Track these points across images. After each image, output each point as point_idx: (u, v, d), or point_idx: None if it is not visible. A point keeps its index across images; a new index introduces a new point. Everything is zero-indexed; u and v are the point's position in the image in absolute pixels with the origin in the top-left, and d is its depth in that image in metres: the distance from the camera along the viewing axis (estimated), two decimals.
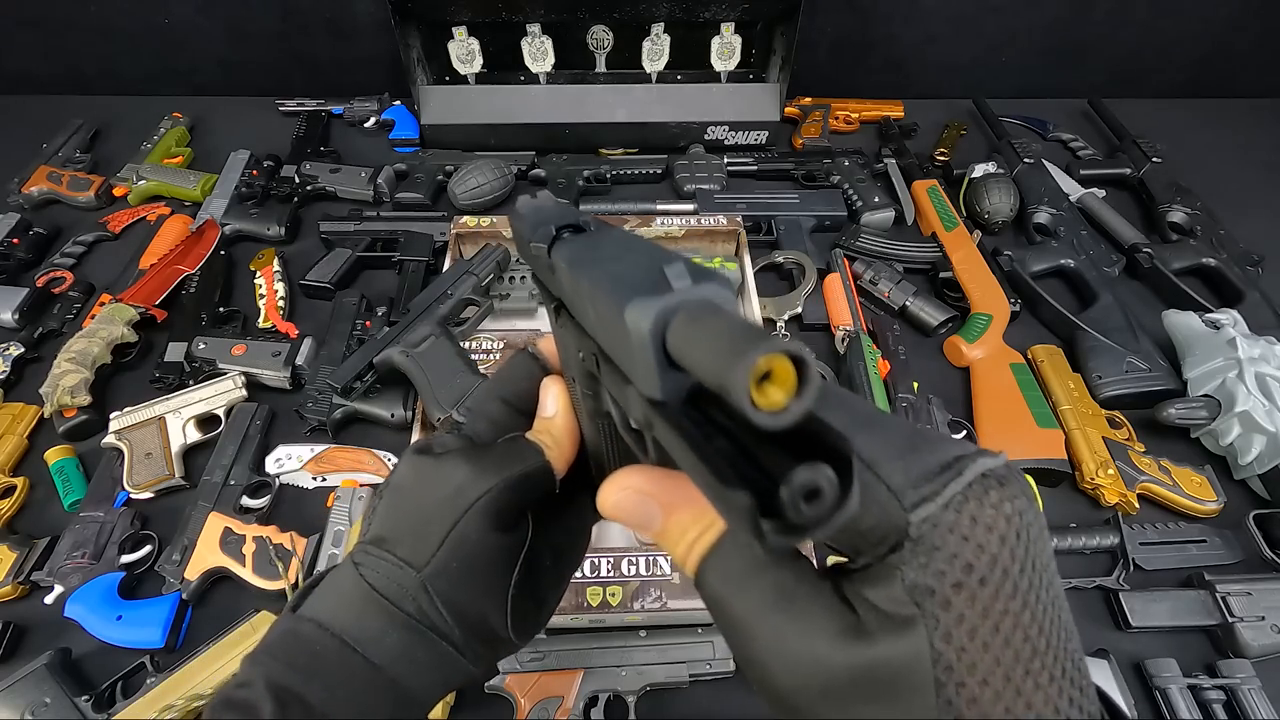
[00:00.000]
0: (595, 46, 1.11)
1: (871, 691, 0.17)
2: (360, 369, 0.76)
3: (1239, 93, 1.30)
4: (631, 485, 0.23)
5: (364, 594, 0.28)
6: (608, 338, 0.21)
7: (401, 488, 0.29)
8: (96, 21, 1.17)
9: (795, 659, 0.18)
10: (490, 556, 0.28)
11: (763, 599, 0.19)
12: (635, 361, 0.17)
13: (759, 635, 0.19)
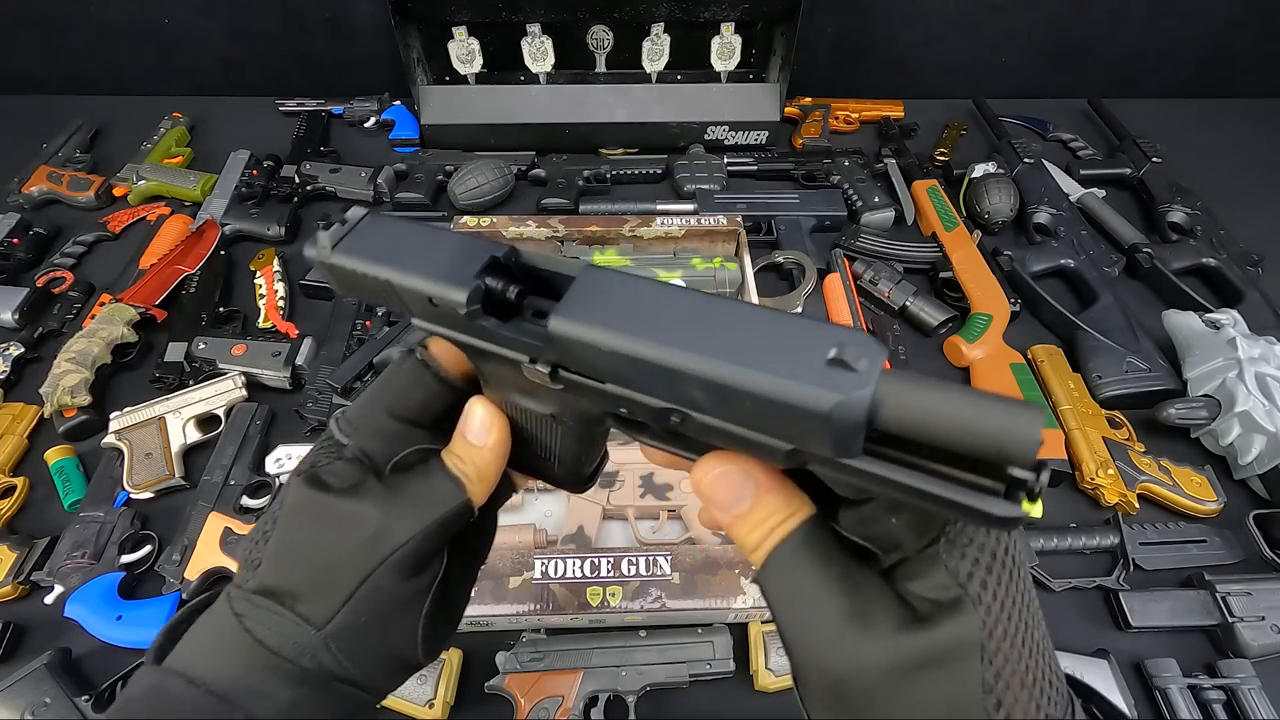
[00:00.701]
0: (595, 46, 1.11)
1: (932, 669, 0.19)
2: (360, 369, 0.76)
3: (1239, 93, 1.30)
4: (737, 465, 0.23)
5: (250, 650, 0.24)
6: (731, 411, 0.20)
7: (297, 531, 0.26)
8: (96, 21, 1.17)
9: (861, 645, 0.20)
10: (403, 601, 0.26)
11: (832, 588, 0.21)
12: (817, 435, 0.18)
13: (824, 622, 0.20)
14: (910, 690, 0.19)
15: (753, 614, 0.64)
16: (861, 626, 0.20)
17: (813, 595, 0.21)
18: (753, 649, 0.63)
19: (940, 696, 0.19)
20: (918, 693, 0.19)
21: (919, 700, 0.19)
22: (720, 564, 0.64)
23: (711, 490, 0.23)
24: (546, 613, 0.62)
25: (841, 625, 0.20)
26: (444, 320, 0.25)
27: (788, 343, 0.19)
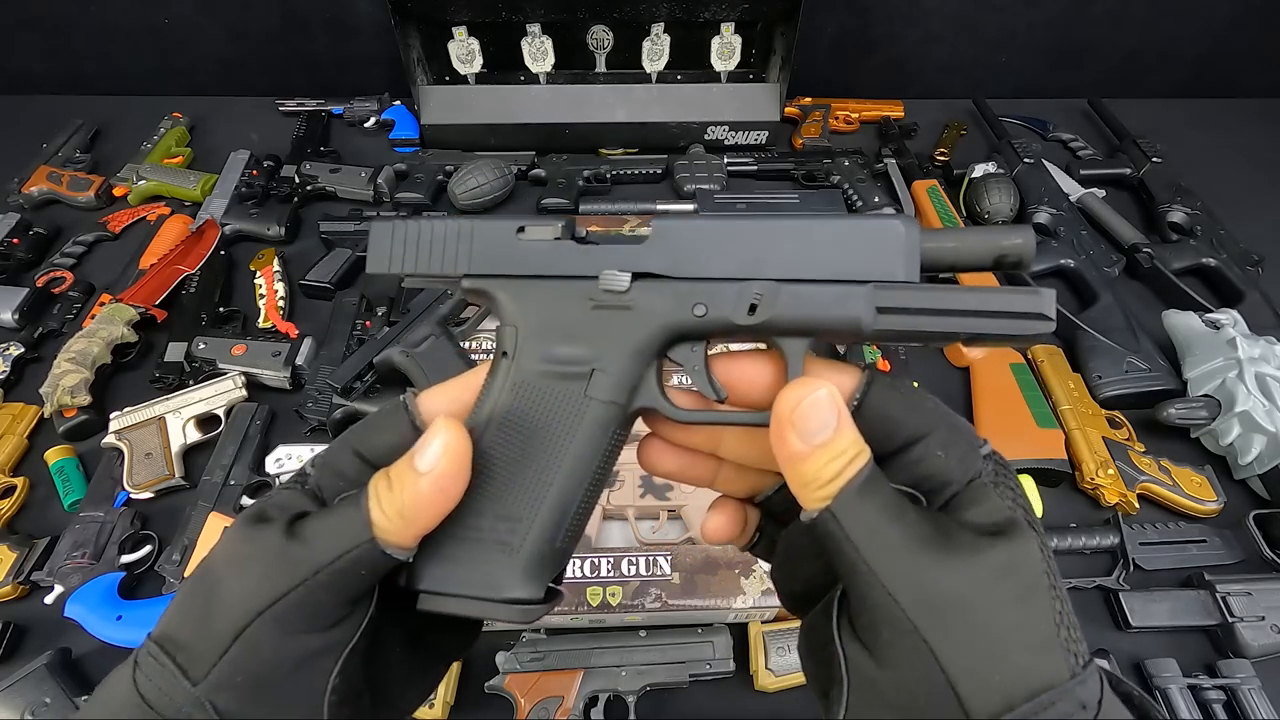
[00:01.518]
0: (595, 46, 1.11)
1: (1012, 576, 0.21)
2: (360, 369, 0.76)
3: (1239, 93, 1.30)
4: (827, 391, 0.23)
5: (132, 703, 0.22)
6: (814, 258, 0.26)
7: (208, 570, 0.24)
8: (96, 21, 1.17)
9: (949, 562, 0.21)
10: (290, 664, 0.23)
11: (910, 515, 0.22)
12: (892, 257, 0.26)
13: (909, 545, 0.22)
14: (995, 595, 0.21)
15: (752, 614, 0.64)
16: (947, 546, 0.21)
17: (896, 521, 0.22)
18: (753, 649, 0.63)
19: (1018, 599, 0.21)
20: (1000, 597, 0.21)
21: (1002, 604, 0.21)
22: (720, 564, 0.64)
23: (803, 415, 0.23)
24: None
25: (927, 546, 0.21)
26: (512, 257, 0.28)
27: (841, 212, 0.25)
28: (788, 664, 0.62)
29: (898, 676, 0.21)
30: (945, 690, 0.20)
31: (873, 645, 0.22)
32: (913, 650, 0.21)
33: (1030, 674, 0.20)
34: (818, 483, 0.23)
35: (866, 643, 0.22)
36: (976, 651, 0.20)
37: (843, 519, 0.22)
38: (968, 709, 0.20)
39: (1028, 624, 0.21)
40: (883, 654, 0.22)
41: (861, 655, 0.23)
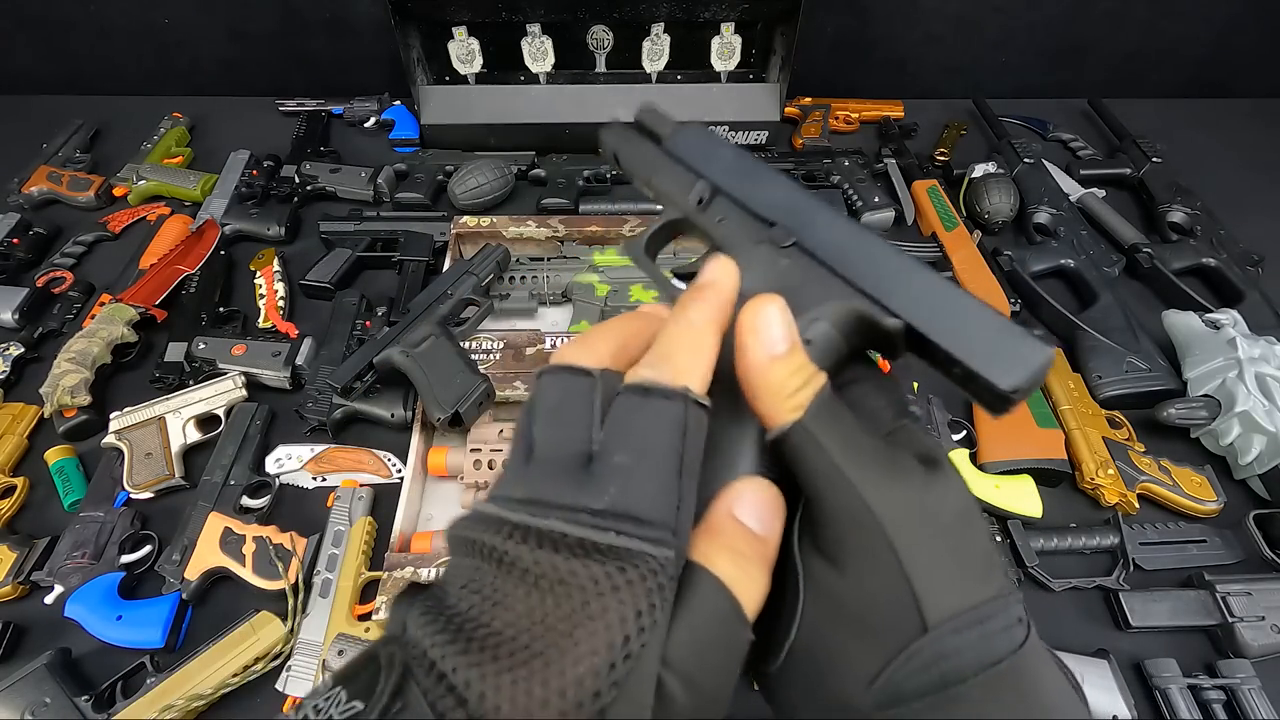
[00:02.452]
0: (595, 46, 1.11)
1: (950, 509, 0.23)
2: (360, 369, 0.76)
3: (1239, 93, 1.30)
4: (782, 306, 0.25)
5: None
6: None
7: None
8: (96, 21, 1.17)
9: (900, 485, 0.22)
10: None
11: (862, 440, 0.23)
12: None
13: (869, 464, 0.22)
14: (948, 512, 0.23)
15: None
16: (899, 470, 0.23)
17: (865, 435, 0.23)
18: None
19: (964, 520, 0.23)
20: (952, 515, 0.23)
21: (954, 521, 0.22)
22: None
23: (765, 323, 0.24)
24: None
25: (892, 460, 0.23)
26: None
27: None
28: None
29: (860, 584, 0.22)
30: (907, 596, 0.21)
31: (837, 554, 0.22)
32: (880, 557, 0.21)
33: (980, 586, 0.22)
34: (784, 392, 0.23)
35: (829, 554, 0.23)
36: (936, 561, 0.22)
37: (815, 429, 0.23)
38: (925, 615, 0.21)
39: (975, 543, 0.23)
40: (847, 562, 0.22)
41: (822, 567, 0.23)
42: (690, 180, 0.34)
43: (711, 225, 0.33)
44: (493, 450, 0.72)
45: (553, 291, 0.90)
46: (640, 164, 0.36)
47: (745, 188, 0.33)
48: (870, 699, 0.21)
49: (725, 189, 0.33)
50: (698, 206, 0.33)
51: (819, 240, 0.30)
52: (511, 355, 0.80)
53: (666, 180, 0.35)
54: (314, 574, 0.68)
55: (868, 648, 0.21)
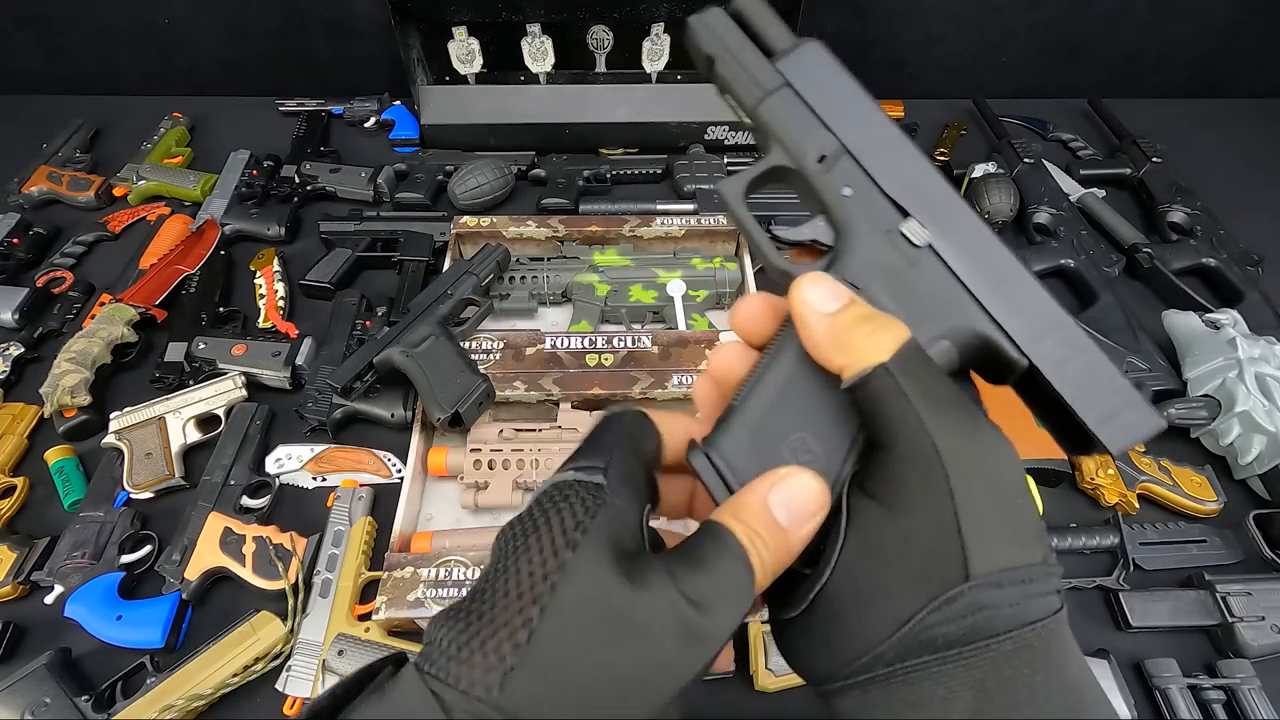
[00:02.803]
0: (595, 46, 1.11)
1: (1017, 468, 0.24)
2: (360, 369, 0.76)
3: (1239, 93, 1.30)
4: (827, 275, 0.26)
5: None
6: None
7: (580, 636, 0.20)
8: (96, 21, 1.17)
9: (966, 443, 0.23)
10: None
11: (942, 391, 0.24)
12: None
13: (938, 419, 0.23)
14: (1009, 475, 0.23)
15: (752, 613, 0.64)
16: (972, 426, 0.23)
17: (945, 385, 0.24)
18: (753, 649, 0.63)
19: (1020, 487, 0.23)
20: (1012, 478, 0.23)
21: (1013, 484, 0.23)
22: None
23: (807, 298, 0.25)
24: None
25: (959, 421, 0.23)
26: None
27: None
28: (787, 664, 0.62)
29: (911, 527, 0.22)
30: (955, 544, 0.21)
31: (894, 496, 0.23)
32: (937, 502, 0.22)
33: (1026, 550, 0.22)
34: (854, 336, 0.24)
35: (885, 496, 0.23)
36: (990, 517, 0.22)
37: (899, 375, 0.23)
38: (970, 565, 0.21)
39: (1027, 510, 0.23)
40: (903, 504, 0.23)
41: (873, 509, 0.23)
42: (812, 126, 0.28)
43: (830, 191, 0.28)
44: (493, 450, 0.72)
45: (553, 291, 0.90)
46: (743, 84, 0.29)
47: (880, 157, 0.28)
48: (894, 646, 0.22)
49: (855, 152, 0.28)
50: (817, 163, 0.28)
51: (957, 248, 0.27)
52: (511, 355, 0.80)
53: (779, 117, 0.29)
54: (314, 574, 0.68)
55: (906, 590, 0.22)
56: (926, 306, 0.27)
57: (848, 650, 0.23)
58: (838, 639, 0.23)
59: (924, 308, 0.27)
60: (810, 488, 0.24)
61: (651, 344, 0.81)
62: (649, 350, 0.81)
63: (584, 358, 0.80)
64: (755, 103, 0.29)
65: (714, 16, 0.29)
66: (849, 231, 0.28)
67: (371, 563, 0.69)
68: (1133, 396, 0.25)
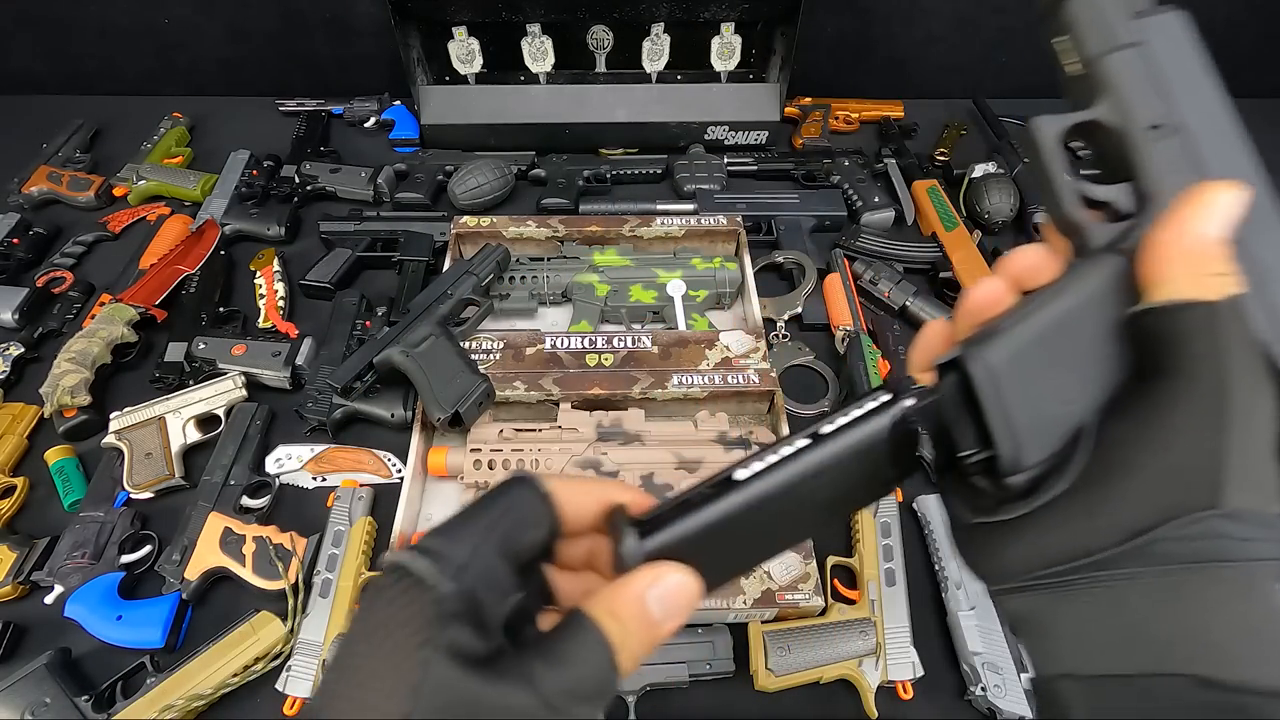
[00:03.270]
0: (595, 46, 1.11)
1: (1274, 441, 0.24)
2: (360, 369, 0.76)
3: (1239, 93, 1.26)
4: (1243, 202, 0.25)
5: None
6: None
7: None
8: (96, 21, 1.17)
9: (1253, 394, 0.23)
10: None
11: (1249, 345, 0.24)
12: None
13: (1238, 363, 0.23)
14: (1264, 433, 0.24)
15: (752, 614, 0.64)
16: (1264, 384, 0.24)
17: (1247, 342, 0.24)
18: (753, 649, 0.63)
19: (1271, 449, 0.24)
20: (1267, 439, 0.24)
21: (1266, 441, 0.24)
22: None
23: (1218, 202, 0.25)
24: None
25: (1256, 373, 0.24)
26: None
27: None
28: (788, 664, 0.62)
29: (1172, 443, 0.23)
30: (1214, 470, 0.22)
31: (1164, 415, 0.23)
32: (1210, 431, 0.22)
33: (1270, 499, 0.22)
34: (1208, 269, 0.24)
35: (1149, 415, 0.24)
36: (1251, 459, 0.22)
37: (1223, 318, 0.23)
38: (1223, 494, 0.22)
39: (1275, 469, 0.23)
40: (1175, 423, 0.23)
41: (1125, 423, 0.24)
42: (1156, 92, 0.28)
43: (1151, 161, 0.28)
44: (493, 450, 0.72)
45: (553, 291, 0.90)
46: (1096, 28, 0.29)
47: (1214, 147, 0.28)
48: (1117, 554, 0.22)
49: (1194, 132, 0.28)
50: (1149, 129, 0.28)
51: (1261, 257, 0.27)
52: (511, 355, 0.80)
53: (1125, 73, 0.28)
54: (314, 574, 0.68)
55: (1146, 504, 0.22)
56: None
57: (1064, 552, 0.23)
58: (1055, 542, 0.24)
59: None
60: (688, 586, 0.24)
61: (651, 344, 0.81)
62: (649, 350, 0.81)
63: (584, 358, 0.80)
64: (1102, 51, 0.29)
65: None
66: (1157, 205, 0.27)
67: (371, 563, 0.69)
68: None
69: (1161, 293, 0.24)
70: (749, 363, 0.79)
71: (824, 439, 0.25)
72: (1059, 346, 0.25)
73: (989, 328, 0.26)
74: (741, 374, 0.78)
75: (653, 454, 0.73)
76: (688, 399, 0.78)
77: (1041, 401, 0.25)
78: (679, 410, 0.79)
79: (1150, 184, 0.28)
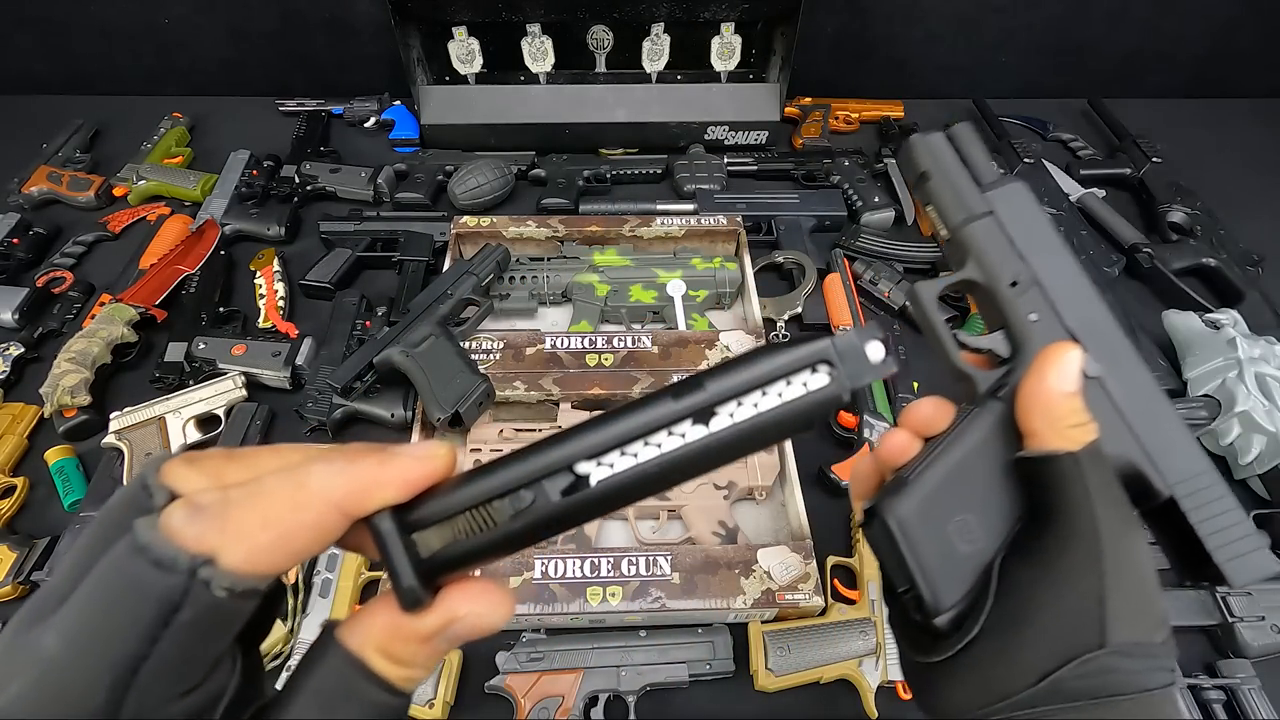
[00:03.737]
0: (595, 46, 1.11)
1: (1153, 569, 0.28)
2: (360, 369, 0.76)
3: (1239, 93, 1.30)
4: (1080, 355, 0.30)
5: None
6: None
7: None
8: (96, 21, 1.17)
9: (1124, 532, 0.27)
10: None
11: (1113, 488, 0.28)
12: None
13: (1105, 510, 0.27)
14: (1150, 564, 0.27)
15: (752, 614, 0.64)
16: (1131, 520, 0.28)
17: (1111, 485, 0.28)
18: (753, 649, 0.63)
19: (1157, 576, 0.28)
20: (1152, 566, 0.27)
21: (1152, 572, 0.27)
22: (720, 564, 0.64)
23: (1068, 363, 0.29)
24: (547, 613, 0.62)
25: (1122, 512, 0.27)
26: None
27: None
28: (788, 664, 0.62)
29: (1061, 595, 0.26)
30: (1097, 615, 0.25)
31: (1050, 566, 0.27)
32: (1089, 577, 0.26)
33: (1155, 630, 0.26)
34: (1066, 422, 0.28)
35: (1041, 563, 0.27)
36: (1131, 597, 0.26)
37: (1085, 465, 0.27)
38: (1107, 634, 0.25)
39: (1158, 598, 0.27)
40: (1058, 574, 0.26)
41: (1028, 575, 0.27)
42: (1010, 255, 0.33)
43: (1017, 314, 0.32)
44: (493, 450, 0.72)
45: (553, 291, 0.90)
46: (952, 204, 0.34)
47: (1065, 293, 0.32)
48: (1031, 694, 0.25)
49: (1045, 284, 0.32)
50: (1010, 287, 0.33)
51: (1122, 384, 0.31)
52: (511, 355, 0.80)
53: (982, 241, 0.33)
54: (314, 574, 0.68)
55: (1048, 648, 0.26)
56: None
57: (988, 695, 0.26)
58: (979, 685, 0.27)
59: None
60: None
61: (651, 344, 0.81)
62: (649, 350, 0.81)
63: (584, 358, 0.80)
64: (961, 222, 0.34)
65: (936, 139, 0.34)
66: (1028, 350, 0.32)
67: (371, 563, 0.69)
68: (1259, 541, 0.30)
69: (1031, 444, 0.28)
70: None
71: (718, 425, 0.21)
72: (959, 490, 0.29)
73: (898, 478, 0.30)
74: None
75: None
76: None
77: (950, 542, 0.29)
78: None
79: (1018, 333, 0.32)
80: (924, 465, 0.30)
